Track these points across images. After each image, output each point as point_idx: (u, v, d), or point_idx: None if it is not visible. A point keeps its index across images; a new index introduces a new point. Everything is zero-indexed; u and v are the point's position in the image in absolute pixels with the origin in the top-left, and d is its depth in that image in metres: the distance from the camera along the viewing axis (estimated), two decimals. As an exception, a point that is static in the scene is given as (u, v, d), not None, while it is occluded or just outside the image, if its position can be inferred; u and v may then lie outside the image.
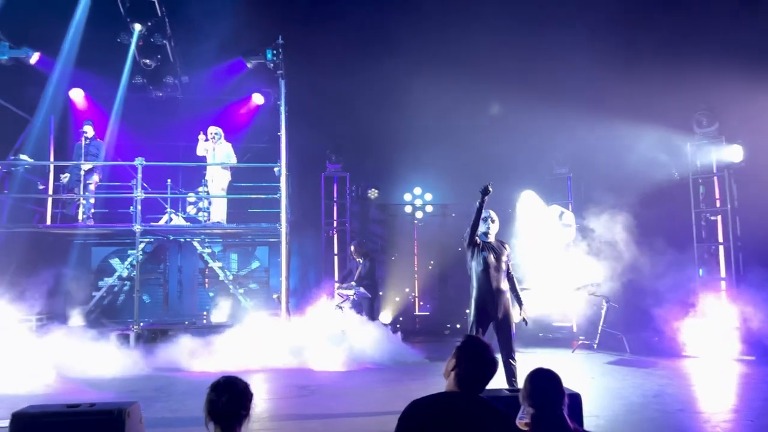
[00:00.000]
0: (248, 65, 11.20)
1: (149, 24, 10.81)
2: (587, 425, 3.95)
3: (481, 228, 5.94)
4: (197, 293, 12.17)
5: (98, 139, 11.19)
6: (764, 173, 9.54)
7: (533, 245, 10.84)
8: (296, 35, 11.09)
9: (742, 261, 10.09)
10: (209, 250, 11.92)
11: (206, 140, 10.94)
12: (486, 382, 2.53)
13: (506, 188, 10.95)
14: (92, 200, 11.07)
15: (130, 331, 9.78)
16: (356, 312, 10.44)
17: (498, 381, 4.05)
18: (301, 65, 11.48)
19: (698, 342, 9.45)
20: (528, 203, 11.78)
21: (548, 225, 11.54)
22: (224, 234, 11.94)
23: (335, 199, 13.19)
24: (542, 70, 11.18)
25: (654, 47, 10.59)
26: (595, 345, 10.03)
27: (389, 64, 11.57)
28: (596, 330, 10.13)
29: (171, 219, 11.04)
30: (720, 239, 10.32)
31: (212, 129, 10.98)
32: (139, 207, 10.16)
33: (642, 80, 9.91)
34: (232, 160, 11.06)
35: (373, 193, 13.20)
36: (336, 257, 13.07)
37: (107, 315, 11.42)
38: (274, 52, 10.65)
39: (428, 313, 13.22)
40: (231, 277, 11.79)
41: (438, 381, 2.74)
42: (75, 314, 11.06)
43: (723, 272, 10.27)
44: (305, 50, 11.53)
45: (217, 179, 11.00)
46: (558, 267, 10.85)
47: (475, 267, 5.91)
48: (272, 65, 10.80)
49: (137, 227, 10.09)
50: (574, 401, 3.73)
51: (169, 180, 11.06)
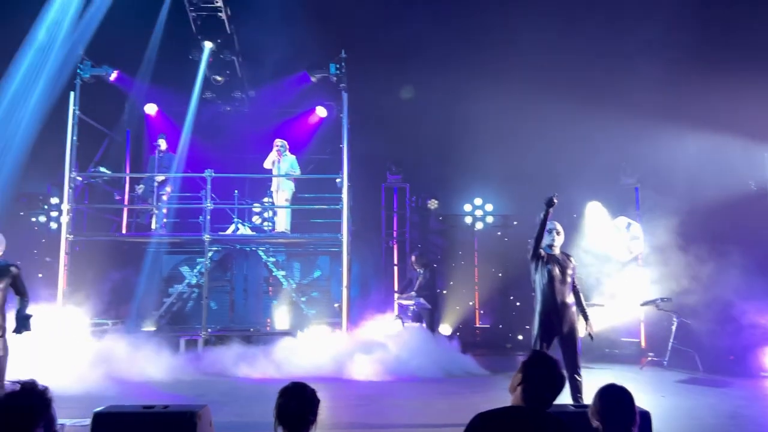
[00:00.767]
0: (312, 79, 11.49)
1: (219, 41, 11.25)
2: (658, 446, 3.81)
3: (546, 240, 5.83)
4: (261, 301, 12.44)
5: (171, 152, 11.67)
6: None
7: (599, 258, 10.56)
8: (358, 48, 11.30)
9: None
10: (273, 259, 12.18)
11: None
12: (553, 398, 2.50)
13: (571, 199, 10.73)
14: (165, 210, 11.53)
15: (198, 337, 10.10)
16: (416, 322, 10.47)
17: (562, 396, 3.97)
18: (363, 77, 11.64)
19: (777, 362, 8.91)
20: (594, 215, 11.49)
21: (615, 237, 11.22)
22: (288, 243, 12.18)
23: (395, 210, 13.29)
24: (609, 78, 10.91)
25: (731, 51, 10.17)
26: (665, 362, 9.62)
27: (450, 75, 11.61)
28: (666, 346, 9.71)
29: (237, 228, 11.34)
30: (800, 253, 9.72)
31: (278, 141, 11.27)
32: (208, 217, 10.50)
33: (717, 87, 9.50)
34: (296, 172, 11.31)
35: (433, 204, 13.19)
36: (396, 267, 13.14)
37: (177, 320, 11.85)
38: (338, 66, 10.90)
39: (489, 326, 13.04)
40: (294, 286, 12.00)
41: (500, 395, 2.73)
42: (147, 319, 11.56)
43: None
44: (367, 63, 11.70)
45: (282, 190, 11.28)
46: (625, 281, 10.52)
47: (540, 280, 5.80)
48: (335, 78, 11.04)
49: (206, 236, 10.44)
50: (645, 420, 3.60)
51: (236, 191, 11.36)
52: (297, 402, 2.69)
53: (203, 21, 11.08)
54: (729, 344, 9.31)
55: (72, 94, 10.47)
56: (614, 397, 2.53)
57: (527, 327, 6.44)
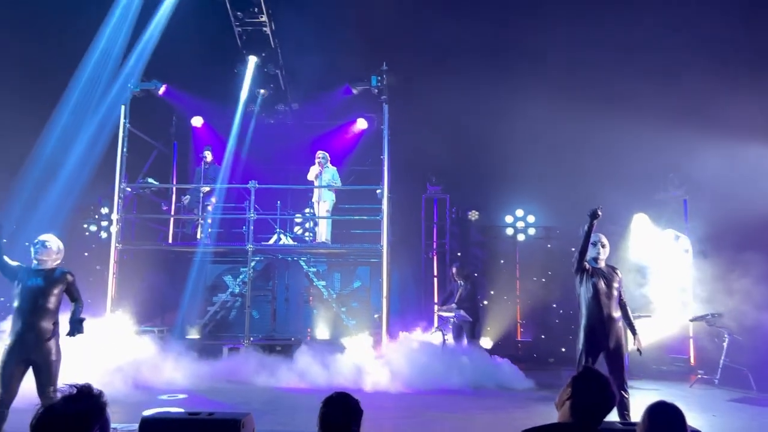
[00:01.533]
0: (354, 91, 11.61)
1: (263, 55, 11.50)
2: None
3: (591, 253, 5.71)
4: (302, 310, 12.54)
5: (216, 164, 11.95)
6: None
7: (647, 272, 10.28)
8: (399, 60, 11.37)
9: None
10: (314, 269, 12.29)
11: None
12: (603, 416, 2.44)
13: (616, 211, 10.50)
14: (209, 220, 11.80)
15: (241, 345, 10.26)
16: (457, 335, 10.38)
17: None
18: (404, 89, 11.72)
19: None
20: (640, 227, 11.20)
21: (663, 250, 10.91)
22: (328, 254, 12.27)
23: (435, 221, 13.23)
24: (654, 87, 10.67)
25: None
26: (716, 380, 9.25)
27: (491, 85, 11.53)
28: (717, 364, 9.34)
29: (280, 239, 11.50)
30: None
31: (320, 153, 11.42)
32: (251, 227, 10.69)
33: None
34: (337, 183, 11.42)
35: (474, 215, 13.09)
36: (436, 279, 13.06)
37: (220, 329, 12.06)
38: (379, 78, 10.99)
39: (530, 339, 12.80)
40: (334, 296, 12.09)
41: (542, 410, 2.68)
42: (192, 327, 11.80)
43: None
44: (407, 74, 11.76)
45: (323, 201, 11.40)
46: (673, 295, 10.21)
47: (584, 293, 5.67)
48: (377, 91, 11.13)
49: (249, 246, 10.61)
50: (696, 440, 3.48)
51: (279, 202, 11.53)
52: (341, 412, 2.70)
53: (248, 36, 11.33)
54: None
55: (123, 108, 10.84)
56: (664, 416, 2.43)
57: (571, 341, 6.28)
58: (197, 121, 13.37)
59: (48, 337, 4.92)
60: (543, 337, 12.61)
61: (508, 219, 13.28)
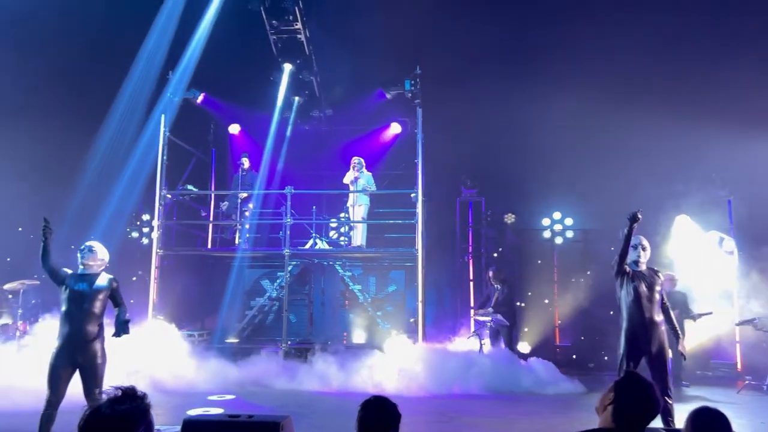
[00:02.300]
0: (387, 96, 11.65)
1: (298, 62, 11.64)
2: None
3: (631, 256, 5.60)
4: (338, 314, 12.60)
5: (253, 171, 12.13)
6: None
7: (690, 274, 10.00)
8: (433, 64, 11.36)
9: None
10: (350, 273, 12.33)
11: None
12: (647, 422, 2.37)
13: (657, 213, 10.26)
14: (247, 226, 11.98)
15: (279, 349, 10.37)
16: (494, 339, 10.28)
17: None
18: (438, 92, 11.67)
19: None
20: (682, 229, 10.91)
21: (707, 252, 10.60)
22: (363, 258, 12.29)
23: (470, 224, 13.11)
24: (694, 86, 10.41)
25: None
26: (765, 386, 8.91)
27: (525, 87, 11.41)
28: (766, 369, 9.02)
29: (315, 243, 11.59)
30: None
31: (355, 159, 11.48)
32: (288, 232, 10.80)
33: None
34: (372, 188, 11.46)
35: (510, 218, 12.92)
36: (472, 282, 12.93)
37: (258, 333, 12.20)
38: (412, 82, 10.99)
39: (570, 344, 12.57)
40: (369, 300, 12.11)
41: (581, 416, 2.62)
42: (230, 331, 11.97)
43: None
44: (441, 77, 11.74)
45: (358, 205, 11.45)
46: (718, 298, 9.91)
47: (625, 297, 5.55)
48: (410, 95, 11.13)
49: (286, 251, 10.73)
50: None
51: (314, 207, 11.62)
52: (378, 415, 2.70)
53: (283, 43, 11.49)
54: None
55: (162, 117, 11.10)
56: (708, 421, 2.38)
57: (611, 345, 6.13)
58: (234, 129, 13.63)
59: (93, 340, 5.06)
60: (582, 342, 12.36)
61: (545, 222, 13.06)
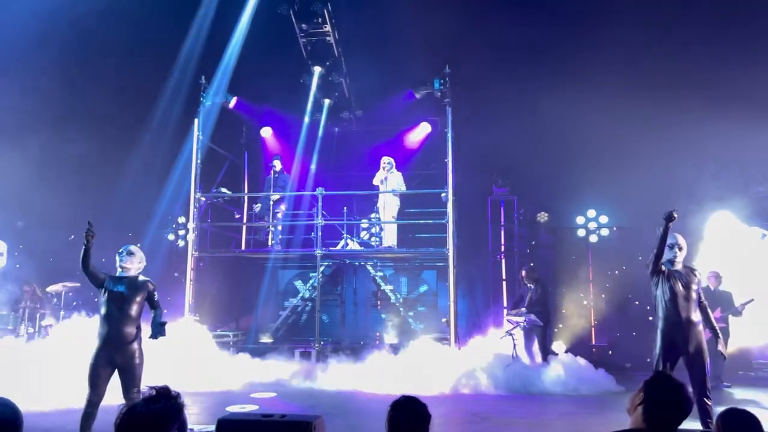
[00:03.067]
0: (417, 95, 11.64)
1: (327, 64, 11.74)
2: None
3: (667, 255, 5.49)
4: (370, 314, 12.65)
5: (285, 173, 12.27)
6: None
7: (730, 272, 9.73)
8: (462, 62, 11.29)
9: None
10: (381, 274, 12.37)
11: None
12: (678, 423, 2.33)
13: (695, 210, 10.02)
14: (280, 227, 12.12)
15: (312, 349, 10.47)
16: (527, 339, 10.18)
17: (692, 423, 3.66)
18: (468, 91, 11.62)
19: None
20: (722, 225, 10.63)
21: (748, 249, 10.30)
22: (395, 258, 12.31)
23: (503, 224, 13.00)
24: (734, 80, 10.11)
25: None
26: (811, 388, 8.70)
27: (557, 84, 11.26)
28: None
29: (347, 244, 11.64)
30: None
31: (385, 159, 11.52)
32: (320, 233, 10.89)
33: None
34: (402, 188, 11.46)
35: (543, 217, 12.78)
36: (504, 282, 12.84)
37: (292, 333, 12.34)
38: (442, 81, 10.94)
39: (606, 344, 12.36)
40: (401, 300, 12.13)
41: (618, 417, 2.57)
42: (264, 331, 12.15)
43: None
44: (471, 76, 11.65)
45: (389, 206, 11.46)
46: (760, 296, 9.61)
47: (661, 296, 5.44)
48: (439, 94, 11.09)
49: (318, 252, 10.82)
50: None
51: (345, 208, 11.69)
52: (408, 416, 2.70)
53: (313, 46, 11.60)
54: None
55: (196, 121, 11.31)
56: (737, 422, 2.34)
57: (649, 345, 6.00)
58: (266, 132, 13.83)
59: (131, 342, 5.20)
60: (619, 341, 12.15)
61: (579, 220, 12.90)
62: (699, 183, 10.25)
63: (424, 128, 13.33)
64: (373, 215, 11.96)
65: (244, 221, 12.80)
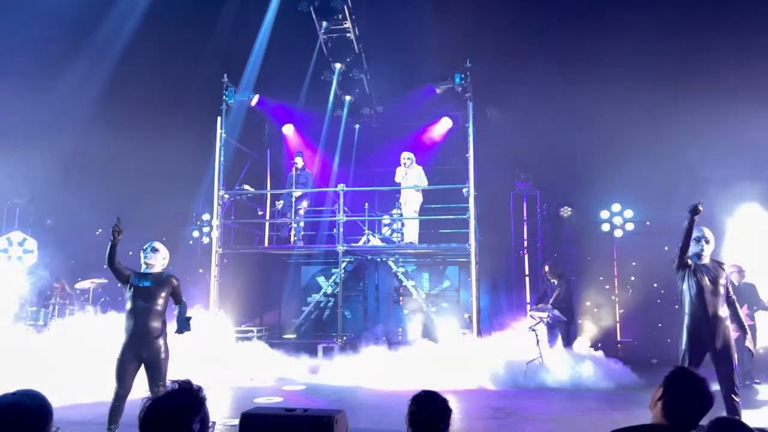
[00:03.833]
0: (437, 90, 11.60)
1: (348, 60, 11.75)
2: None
3: (694, 249, 5.39)
4: (393, 310, 12.67)
5: (307, 169, 12.35)
6: None
7: (758, 265, 9.53)
8: (483, 56, 11.22)
9: None
10: (403, 269, 12.38)
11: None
12: (699, 418, 2.31)
13: (722, 202, 9.82)
14: (302, 224, 12.20)
15: (335, 344, 10.53)
16: (550, 335, 10.11)
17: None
18: (489, 85, 11.56)
19: None
20: (750, 217, 10.41)
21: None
22: (416, 254, 12.32)
23: (525, 219, 12.93)
24: (759, 70, 9.89)
25: None
26: None
27: (579, 78, 11.14)
28: None
29: (369, 240, 11.68)
30: None
31: (405, 155, 11.51)
32: (341, 229, 10.94)
33: None
34: (423, 183, 11.43)
35: (566, 211, 12.66)
36: (527, 278, 12.78)
37: (314, 328, 12.42)
38: (462, 76, 10.89)
39: (632, 340, 12.20)
40: (423, 296, 12.12)
41: (642, 413, 2.54)
42: (288, 327, 12.25)
43: None
44: (492, 70, 11.57)
45: (410, 202, 11.45)
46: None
47: (687, 291, 5.34)
48: (460, 89, 11.04)
49: (340, 247, 10.87)
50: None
51: (367, 204, 11.67)
52: (428, 410, 2.71)
53: (333, 43, 11.61)
54: None
55: (219, 119, 11.43)
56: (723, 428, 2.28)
57: (675, 341, 5.89)
58: (288, 129, 13.93)
59: (157, 337, 5.29)
60: (645, 337, 11.99)
61: (604, 214, 12.77)
62: (725, 175, 10.02)
63: (445, 123, 13.32)
64: (395, 211, 11.94)
65: (267, 218, 12.91)
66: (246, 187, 12.50)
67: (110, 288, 11.41)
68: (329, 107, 12.50)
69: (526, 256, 12.78)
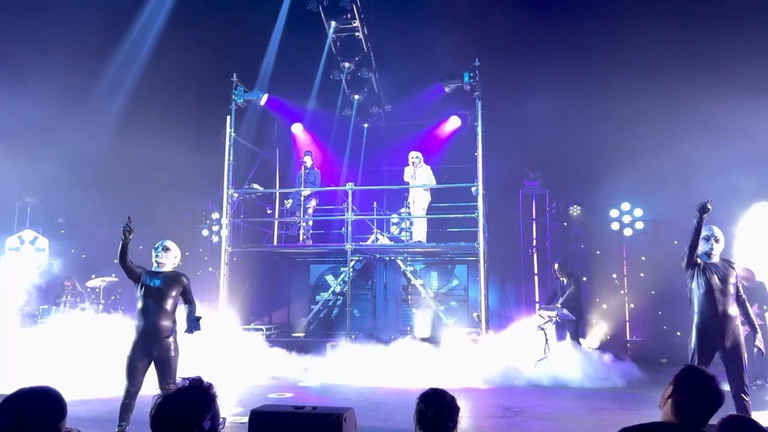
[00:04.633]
0: (446, 89, 11.56)
1: (356, 59, 11.77)
2: None
3: (703, 248, 5.37)
4: (401, 309, 12.71)
5: (315, 168, 12.36)
6: None
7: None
8: (491, 55, 11.22)
9: None
10: (411, 268, 12.42)
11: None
12: (709, 416, 2.32)
13: (732, 200, 9.77)
14: (311, 222, 12.24)
15: (343, 342, 10.49)
16: (559, 334, 10.09)
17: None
18: (497, 84, 11.55)
19: None
20: (761, 216, 10.36)
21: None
22: (425, 253, 12.32)
23: (534, 218, 12.91)
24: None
25: None
26: None
27: (590, 76, 11.11)
28: None
29: (377, 239, 11.70)
30: None
31: (413, 154, 11.51)
32: (350, 228, 10.96)
33: None
34: (432, 182, 11.43)
35: (575, 210, 12.63)
36: (536, 277, 12.77)
37: (323, 327, 12.46)
38: (471, 75, 10.86)
39: (641, 339, 12.16)
40: (432, 294, 12.13)
41: (652, 413, 2.54)
42: (297, 325, 12.29)
43: None
44: (500, 69, 11.57)
45: (418, 200, 11.44)
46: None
47: (696, 290, 5.33)
48: (469, 87, 11.01)
49: (348, 246, 10.88)
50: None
51: (375, 203, 11.77)
52: (436, 408, 2.72)
53: (342, 42, 11.65)
54: None
55: (228, 118, 11.46)
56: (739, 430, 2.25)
57: (685, 340, 5.86)
58: (297, 128, 13.97)
59: (167, 335, 5.32)
60: (654, 336, 11.95)
61: (613, 213, 12.73)
62: (736, 173, 9.96)
63: (454, 122, 13.33)
64: (403, 210, 11.95)
65: (276, 217, 12.94)
66: (255, 186, 12.54)
67: (121, 287, 11.49)
68: (338, 106, 12.55)
69: (535, 255, 12.79)
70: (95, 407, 6.74)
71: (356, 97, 12.68)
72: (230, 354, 9.33)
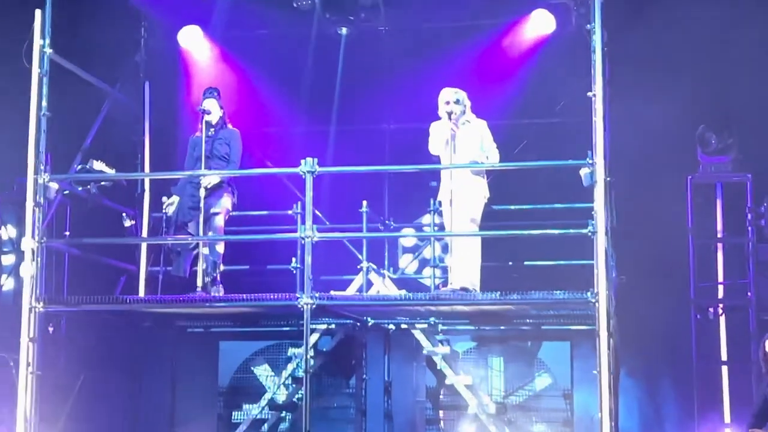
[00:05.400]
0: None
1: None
2: None
3: None
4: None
5: (230, 126, 12.66)
6: None
7: None
8: None
9: None
10: (446, 349, 12.29)
11: None
12: None
13: None
14: (221, 247, 12.46)
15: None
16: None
17: None
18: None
19: None
20: None
21: None
22: (476, 313, 11.96)
23: (720, 233, 13.48)
24: None
25: None
26: None
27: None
28: None
29: (370, 282, 12.13)
30: None
31: (447, 93, 11.28)
32: (309, 260, 10.76)
33: None
34: (492, 155, 11.35)
35: None
36: (725, 367, 13.11)
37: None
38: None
39: None
40: (492, 409, 12.19)
41: None
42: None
43: None
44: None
45: (463, 197, 11.12)
46: None
47: None
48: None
49: (305, 301, 10.48)
50: None
51: (365, 202, 12.27)
52: None
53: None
54: None
55: (37, 18, 11.33)
56: None
57: None
58: (188, 36, 15.06)
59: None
60: None
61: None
62: None
63: (540, 23, 13.67)
64: (428, 218, 11.79)
65: (143, 235, 12.95)
66: (98, 167, 12.30)
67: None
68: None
69: (723, 318, 12.63)
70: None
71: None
72: None
